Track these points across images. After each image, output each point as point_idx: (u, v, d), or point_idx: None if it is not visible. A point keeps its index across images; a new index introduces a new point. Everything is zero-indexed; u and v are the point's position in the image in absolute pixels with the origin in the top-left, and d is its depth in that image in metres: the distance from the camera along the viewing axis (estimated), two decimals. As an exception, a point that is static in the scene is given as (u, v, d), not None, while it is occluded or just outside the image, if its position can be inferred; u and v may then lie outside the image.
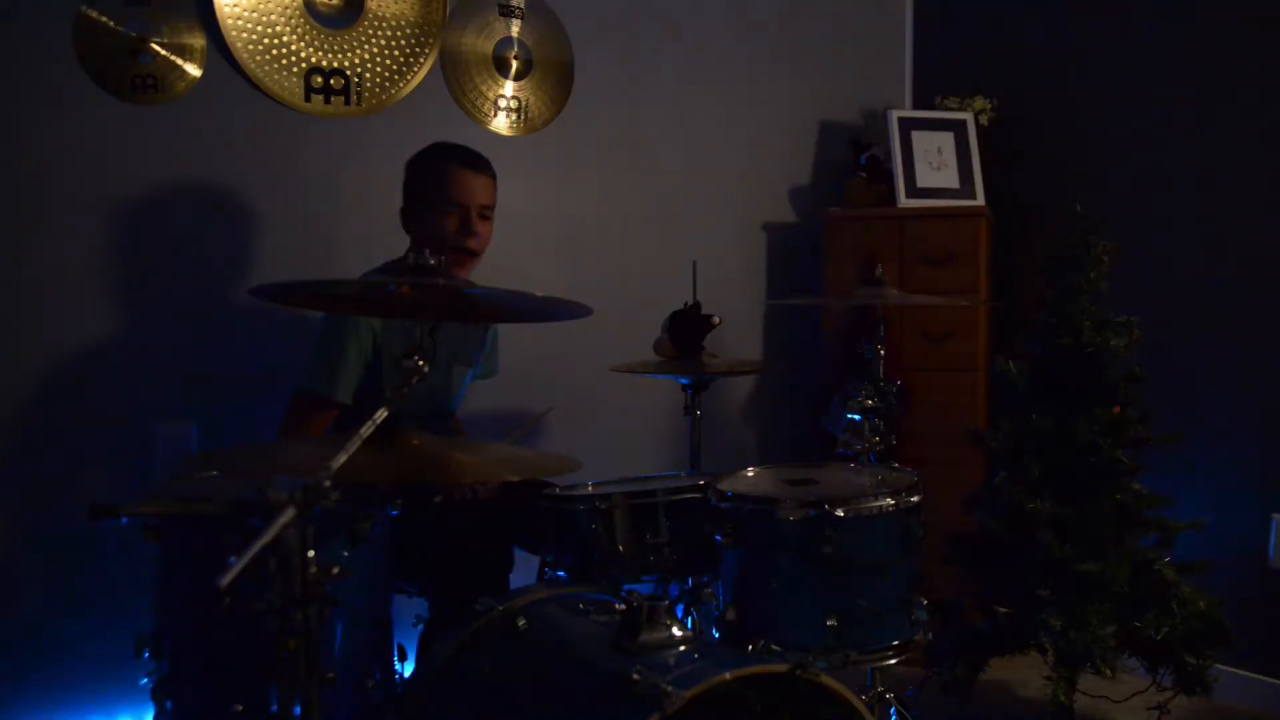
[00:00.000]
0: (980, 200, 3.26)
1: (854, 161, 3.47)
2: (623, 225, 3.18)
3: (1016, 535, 2.33)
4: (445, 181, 2.21)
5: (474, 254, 2.25)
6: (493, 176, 2.28)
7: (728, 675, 1.33)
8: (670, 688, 1.28)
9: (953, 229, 3.18)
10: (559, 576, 2.01)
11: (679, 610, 1.58)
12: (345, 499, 1.58)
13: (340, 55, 2.67)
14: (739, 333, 3.39)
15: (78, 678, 2.38)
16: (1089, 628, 2.19)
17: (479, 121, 2.91)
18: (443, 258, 1.44)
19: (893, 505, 1.82)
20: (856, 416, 2.28)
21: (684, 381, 2.48)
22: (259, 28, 2.55)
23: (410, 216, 2.28)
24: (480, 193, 2.24)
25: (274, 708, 1.22)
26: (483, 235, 2.26)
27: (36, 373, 2.37)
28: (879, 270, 2.40)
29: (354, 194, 2.70)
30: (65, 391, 2.39)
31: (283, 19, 2.58)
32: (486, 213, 2.27)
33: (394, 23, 2.73)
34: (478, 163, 2.26)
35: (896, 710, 2.13)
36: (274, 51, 2.58)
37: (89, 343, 2.42)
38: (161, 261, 2.49)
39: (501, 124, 2.95)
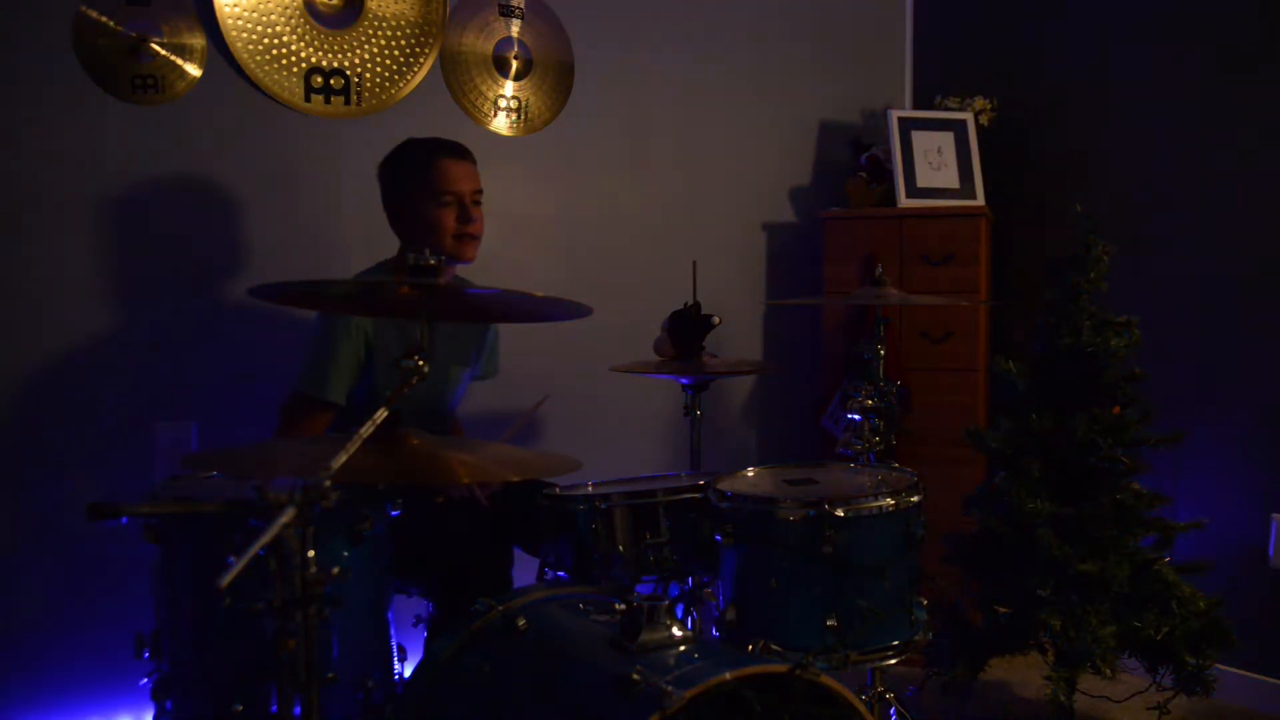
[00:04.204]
0: (980, 200, 3.26)
1: (854, 161, 3.47)
2: (623, 225, 3.18)
3: (1016, 535, 2.33)
4: (434, 175, 2.22)
5: (476, 239, 2.27)
6: (475, 163, 2.30)
7: (728, 675, 1.33)
8: (670, 688, 1.28)
9: (953, 229, 3.18)
10: (559, 576, 2.01)
11: (679, 610, 1.58)
12: (345, 499, 1.59)
13: (340, 55, 2.67)
14: (739, 333, 3.40)
15: (78, 678, 2.38)
16: (1089, 628, 2.19)
17: (479, 121, 2.91)
18: (442, 257, 1.44)
19: (893, 505, 1.82)
20: (856, 416, 2.28)
21: (684, 381, 2.48)
22: (259, 28, 2.55)
23: (401, 216, 2.28)
24: (469, 179, 2.26)
25: (274, 708, 1.22)
26: (479, 220, 2.28)
27: (36, 373, 2.37)
28: (879, 270, 2.40)
29: (354, 194, 2.70)
30: (65, 391, 2.39)
31: (283, 19, 2.58)
32: (478, 198, 2.29)
33: (394, 23, 2.73)
34: (460, 151, 2.28)
35: (896, 710, 2.13)
36: (274, 51, 2.58)
37: (89, 343, 2.42)
38: (162, 261, 2.50)
39: (501, 124, 2.95)
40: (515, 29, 2.95)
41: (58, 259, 2.38)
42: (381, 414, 1.36)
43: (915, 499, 1.87)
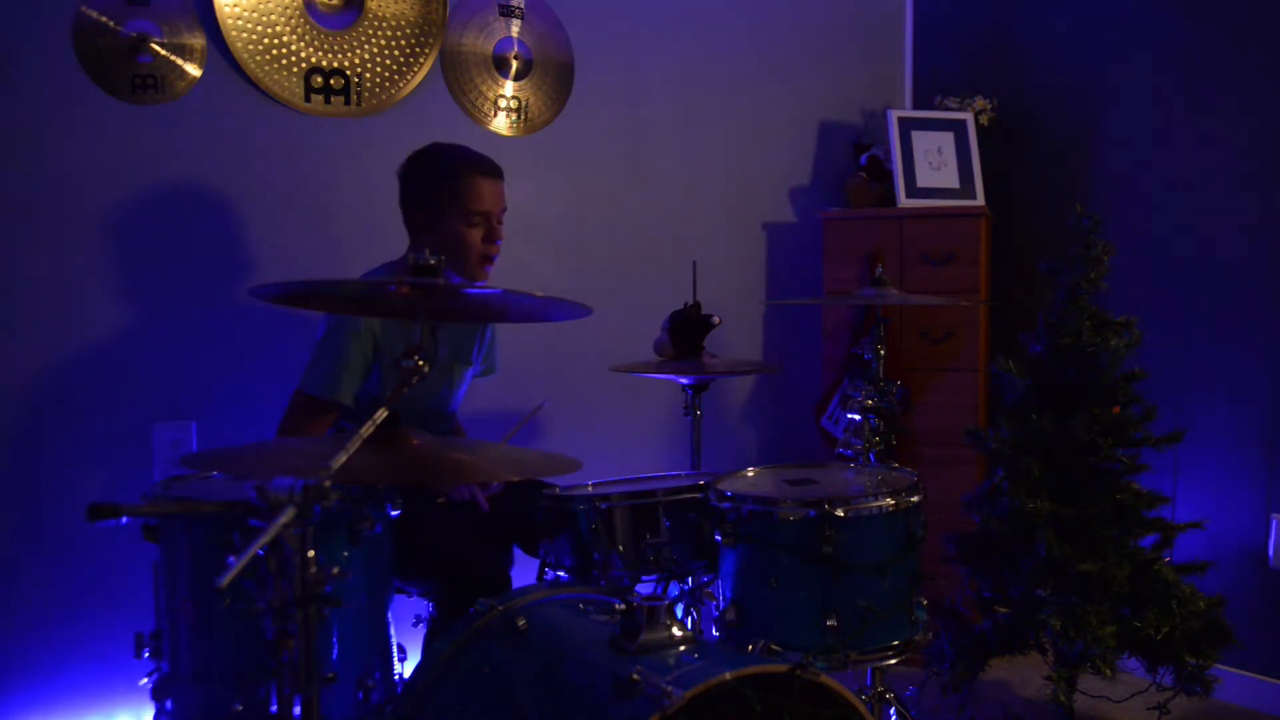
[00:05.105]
0: (980, 200, 3.26)
1: (854, 161, 3.47)
2: (623, 225, 3.18)
3: (1016, 535, 2.33)
4: (467, 193, 2.19)
5: (494, 260, 2.27)
6: (503, 178, 2.28)
7: (728, 675, 1.33)
8: (670, 688, 1.28)
9: (953, 229, 3.18)
10: (559, 576, 2.01)
11: (679, 610, 1.58)
12: (345, 499, 1.59)
13: (340, 55, 2.67)
14: (739, 333, 3.40)
15: (78, 678, 2.38)
16: (1089, 628, 2.19)
17: (479, 121, 2.91)
18: (441, 257, 1.44)
19: (893, 505, 1.82)
20: (856, 416, 2.28)
21: (684, 381, 2.48)
22: (259, 28, 2.55)
23: (426, 225, 2.23)
24: (500, 198, 2.25)
25: (274, 708, 1.22)
26: (502, 238, 2.28)
27: (37, 372, 2.37)
28: (879, 270, 2.40)
29: (354, 194, 2.70)
30: (65, 391, 2.39)
31: (283, 19, 2.58)
32: (502, 217, 2.28)
33: (394, 23, 2.73)
34: (493, 169, 2.25)
35: (896, 710, 2.13)
36: (274, 51, 2.58)
37: (89, 343, 2.42)
38: (161, 261, 2.49)
39: (501, 124, 2.95)
40: (515, 29, 2.95)
41: (56, 259, 2.38)
42: (381, 414, 1.36)
43: (915, 499, 1.87)
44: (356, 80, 2.69)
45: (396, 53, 2.74)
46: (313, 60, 2.63)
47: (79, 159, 2.39)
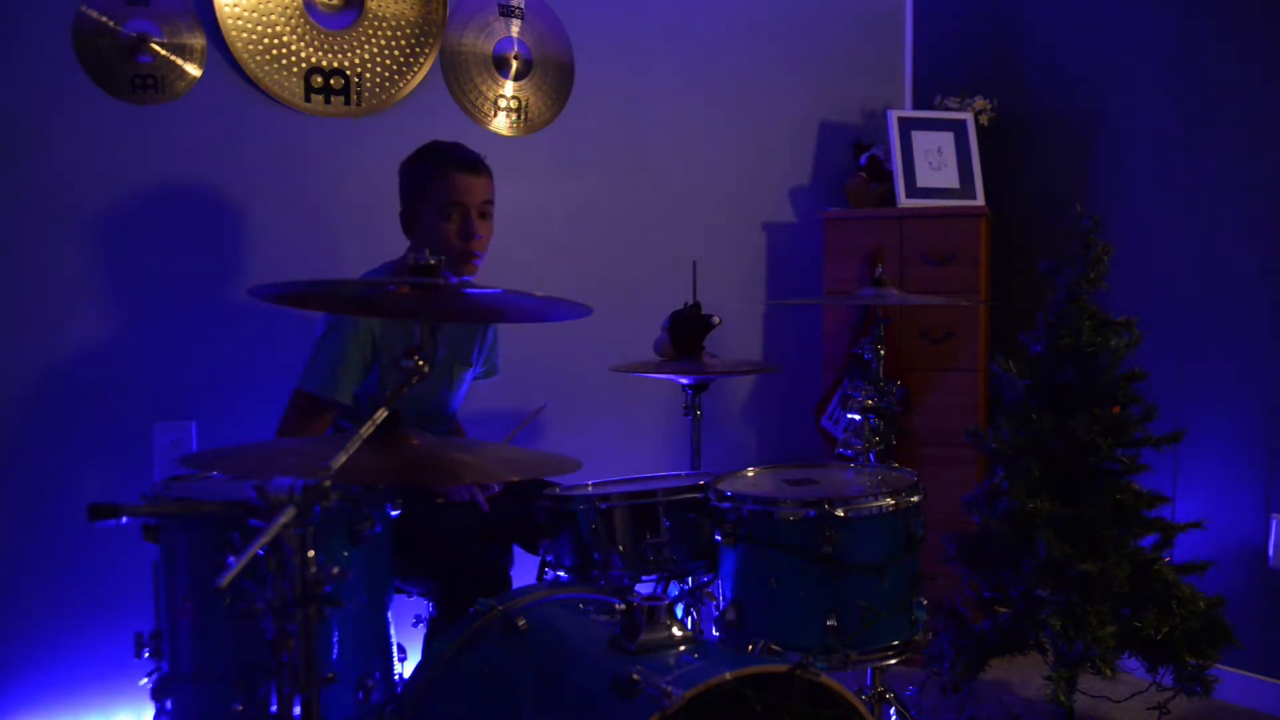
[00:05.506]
0: (980, 200, 3.26)
1: (854, 161, 3.47)
2: (623, 225, 3.18)
3: (1016, 535, 2.33)
4: (442, 186, 2.19)
5: (476, 256, 2.25)
6: (489, 174, 2.27)
7: (728, 675, 1.33)
8: (670, 688, 1.28)
9: (953, 229, 3.18)
10: (559, 576, 2.01)
11: (679, 610, 1.58)
12: (345, 499, 1.59)
13: (340, 55, 2.67)
14: (739, 333, 3.40)
15: (78, 678, 2.38)
16: (1089, 628, 2.19)
17: (479, 121, 2.91)
18: (441, 258, 1.44)
19: (893, 505, 1.82)
20: (856, 416, 2.28)
21: (684, 381, 2.48)
22: (259, 28, 2.55)
23: (410, 222, 2.26)
24: (478, 192, 2.23)
25: (274, 708, 1.22)
26: (484, 236, 2.26)
27: (36, 372, 2.37)
28: (879, 270, 2.40)
29: (354, 194, 2.70)
30: (65, 391, 2.39)
31: (283, 19, 2.58)
32: (486, 209, 2.26)
33: (394, 23, 2.73)
34: (472, 163, 2.24)
35: (896, 710, 2.13)
36: (274, 51, 2.58)
37: (89, 343, 2.42)
38: (161, 261, 2.49)
39: (501, 124, 2.95)
40: (515, 29, 2.95)
41: (57, 258, 2.38)
42: (381, 414, 1.36)
43: (915, 499, 1.87)
44: (356, 80, 2.69)
45: (396, 53, 2.74)
46: (313, 60, 2.63)
47: (79, 159, 2.39)
